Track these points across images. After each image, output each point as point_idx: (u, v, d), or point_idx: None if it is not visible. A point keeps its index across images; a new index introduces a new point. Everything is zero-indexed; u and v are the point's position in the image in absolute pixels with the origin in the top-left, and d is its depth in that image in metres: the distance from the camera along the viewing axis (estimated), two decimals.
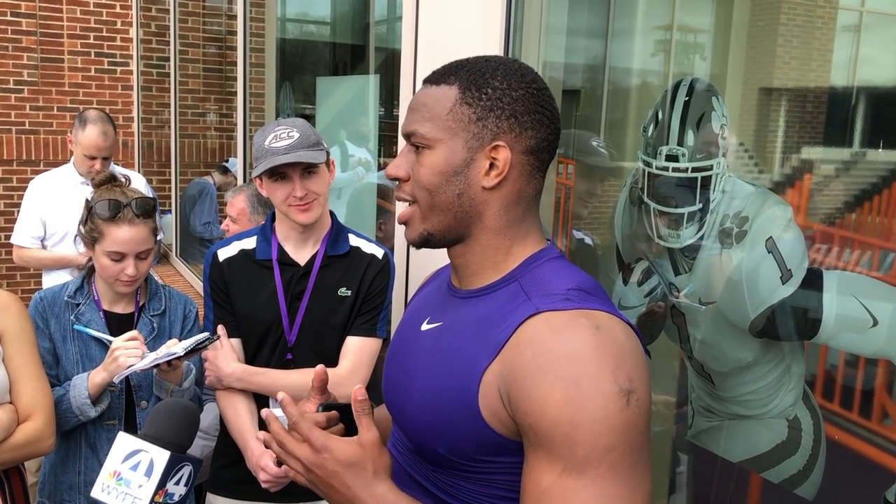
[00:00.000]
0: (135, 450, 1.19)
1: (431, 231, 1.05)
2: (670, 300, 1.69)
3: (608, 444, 0.87)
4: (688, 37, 1.96)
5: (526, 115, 1.01)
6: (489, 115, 1.00)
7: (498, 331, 0.98)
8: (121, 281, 1.92)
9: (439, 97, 1.03)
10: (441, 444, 1.02)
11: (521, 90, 1.01)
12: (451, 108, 1.01)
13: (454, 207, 1.03)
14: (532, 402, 0.91)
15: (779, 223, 1.45)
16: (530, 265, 1.05)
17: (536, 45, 2.09)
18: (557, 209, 2.08)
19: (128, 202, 1.90)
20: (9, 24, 5.60)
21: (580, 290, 0.99)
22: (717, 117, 1.57)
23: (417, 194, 1.05)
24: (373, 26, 4.47)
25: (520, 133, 1.01)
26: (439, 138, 1.02)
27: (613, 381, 0.88)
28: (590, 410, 0.87)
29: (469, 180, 1.02)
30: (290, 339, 1.96)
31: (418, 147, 1.04)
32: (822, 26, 1.52)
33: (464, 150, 1.01)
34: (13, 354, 1.71)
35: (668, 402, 1.80)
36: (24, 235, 3.44)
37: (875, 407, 1.33)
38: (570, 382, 0.89)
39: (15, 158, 5.71)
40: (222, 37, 5.77)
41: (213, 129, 5.92)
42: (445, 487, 1.04)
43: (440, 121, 1.02)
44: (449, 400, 1.00)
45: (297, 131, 1.88)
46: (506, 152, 1.01)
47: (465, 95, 1.01)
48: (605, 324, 0.94)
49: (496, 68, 1.03)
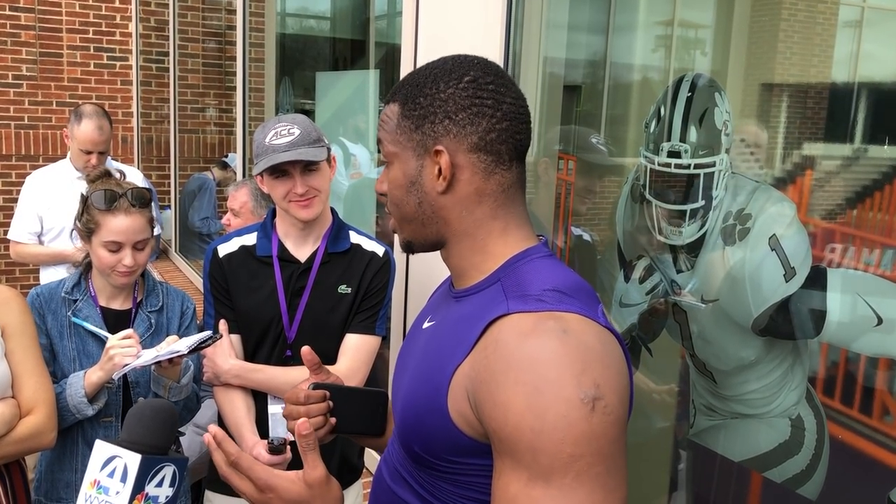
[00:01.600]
0: (111, 456, 1.17)
1: (409, 239, 1.09)
2: (672, 298, 1.68)
3: (572, 453, 0.84)
4: (689, 32, 1.95)
5: (460, 113, 1.01)
6: (424, 123, 1.02)
7: (471, 331, 0.97)
8: (118, 272, 1.91)
9: (390, 114, 1.07)
10: (417, 442, 1.01)
11: (449, 90, 1.01)
12: (398, 124, 1.05)
13: (419, 216, 1.05)
14: (495, 408, 0.89)
15: (782, 220, 1.44)
16: (513, 265, 1.03)
17: (537, 41, 2.08)
18: (558, 206, 2.07)
19: (123, 192, 1.90)
20: (7, 19, 5.58)
21: (556, 291, 0.96)
22: (720, 113, 1.56)
23: (389, 207, 1.10)
24: (373, 21, 4.46)
25: (458, 132, 1.01)
26: (394, 152, 1.06)
27: (577, 387, 0.85)
28: (551, 418, 0.85)
29: (424, 188, 1.03)
30: (289, 335, 1.95)
31: (385, 163, 1.08)
32: (824, 22, 1.52)
33: (413, 160, 1.04)
34: (14, 349, 1.71)
35: (670, 398, 1.79)
36: (21, 231, 3.43)
37: (878, 405, 1.32)
38: (532, 388, 0.86)
39: (14, 153, 5.69)
40: (222, 31, 5.75)
41: (212, 125, 5.90)
42: (428, 487, 1.03)
43: (392, 136, 1.06)
44: (423, 399, 1.00)
45: (297, 128, 1.87)
46: (445, 156, 1.01)
47: (404, 108, 1.04)
48: (574, 327, 0.91)
49: (430, 75, 1.04)
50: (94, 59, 5.86)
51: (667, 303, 1.69)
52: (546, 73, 2.15)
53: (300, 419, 1.04)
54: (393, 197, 1.07)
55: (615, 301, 1.83)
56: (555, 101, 2.19)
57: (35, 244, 3.44)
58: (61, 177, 3.44)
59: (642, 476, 1.90)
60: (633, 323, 1.77)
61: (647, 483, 1.88)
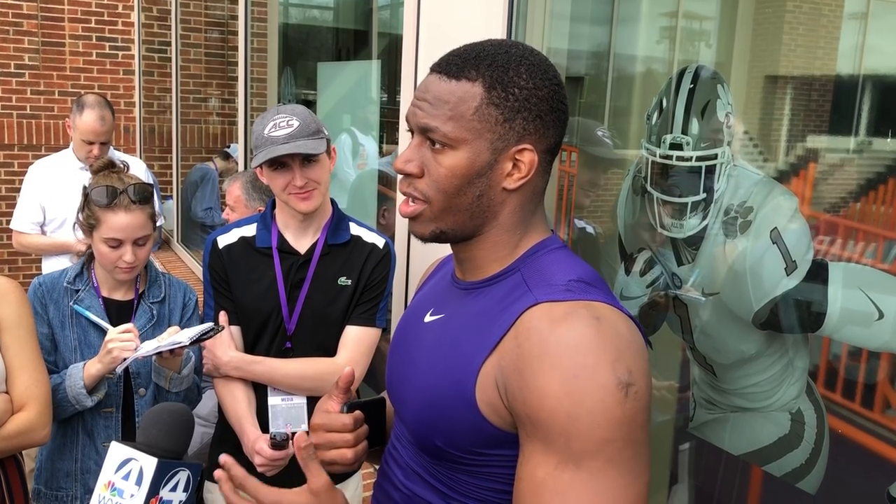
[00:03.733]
0: (126, 458, 1.17)
1: (444, 230, 1.02)
2: (672, 291, 1.67)
3: (605, 437, 0.86)
4: (693, 24, 1.94)
5: (550, 115, 0.99)
6: (517, 117, 0.97)
7: (498, 322, 0.97)
8: (119, 268, 1.90)
9: (462, 94, 0.97)
10: (439, 437, 1.01)
11: (545, 89, 0.98)
12: (478, 109, 0.97)
13: (472, 208, 1.00)
14: (530, 392, 0.90)
15: (784, 213, 1.43)
16: (532, 255, 1.03)
17: (541, 31, 2.07)
18: (561, 197, 2.06)
19: (124, 188, 1.89)
20: (9, 8, 5.57)
21: (581, 282, 0.97)
22: (723, 105, 1.55)
23: (431, 195, 1.00)
24: (376, 11, 4.44)
25: (543, 133, 0.99)
26: (463, 138, 0.97)
27: (612, 373, 0.87)
28: (588, 403, 0.86)
29: (491, 182, 0.99)
30: (289, 328, 1.95)
31: (436, 144, 0.98)
32: (829, 14, 1.50)
33: (488, 152, 0.98)
34: (10, 343, 1.69)
35: (670, 392, 1.79)
36: (24, 221, 3.43)
37: (879, 399, 1.32)
38: (569, 374, 0.87)
39: (16, 143, 5.69)
40: (224, 21, 5.73)
41: (215, 115, 5.89)
42: (445, 480, 1.03)
43: (465, 121, 0.97)
44: (447, 394, 0.99)
45: (296, 119, 1.85)
46: (532, 154, 0.98)
47: (491, 95, 0.97)
48: (605, 315, 0.92)
49: (519, 63, 0.98)
50: (96, 48, 5.86)
51: (667, 296, 1.69)
52: None
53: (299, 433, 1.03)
54: (448, 186, 0.98)
55: (616, 294, 1.83)
56: None
57: (37, 234, 3.45)
58: (64, 167, 3.44)
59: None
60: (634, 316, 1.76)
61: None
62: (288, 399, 1.96)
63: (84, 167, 3.31)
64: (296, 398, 1.96)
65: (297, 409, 1.96)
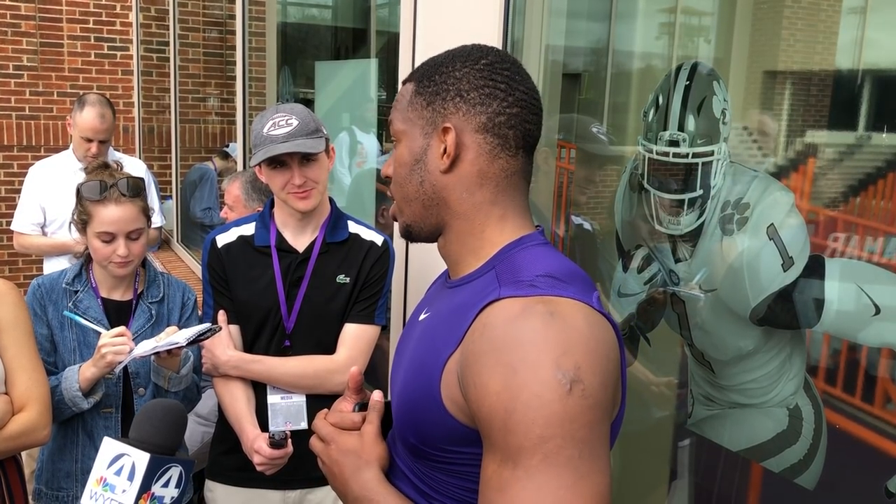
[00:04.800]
0: (118, 454, 1.18)
1: (409, 223, 1.09)
2: (670, 287, 1.67)
3: (542, 435, 0.83)
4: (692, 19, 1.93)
5: (472, 92, 1.01)
6: (436, 99, 1.02)
7: (464, 319, 0.97)
8: (114, 263, 1.91)
9: (404, 92, 1.07)
10: (413, 433, 1.02)
11: (465, 69, 1.02)
12: (410, 100, 1.05)
13: (420, 196, 1.05)
14: (476, 389, 0.89)
15: (780, 210, 1.43)
16: (508, 252, 1.02)
17: (539, 28, 2.07)
18: (559, 194, 2.06)
19: (114, 182, 1.90)
20: (8, 9, 5.56)
21: (550, 277, 0.95)
22: (719, 102, 1.55)
23: (392, 188, 1.09)
24: (374, 10, 4.43)
25: (467, 111, 1.01)
26: (403, 130, 1.06)
27: (555, 368, 0.84)
28: (524, 397, 0.84)
29: (428, 167, 1.03)
30: (288, 326, 1.95)
31: (394, 142, 1.09)
32: (828, 8, 1.50)
33: (421, 137, 1.04)
34: (8, 345, 1.70)
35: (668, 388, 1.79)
36: (24, 222, 3.43)
37: (878, 393, 1.32)
38: (509, 369, 0.86)
39: (15, 144, 5.69)
40: (223, 20, 5.72)
41: (213, 114, 5.89)
42: (424, 478, 1.03)
43: (402, 113, 1.06)
44: (418, 390, 1.00)
45: (295, 118, 1.85)
46: (452, 133, 1.01)
47: (419, 85, 1.05)
48: (563, 310, 0.89)
49: (448, 56, 1.05)
50: (94, 48, 5.85)
51: (665, 293, 1.69)
52: (547, 61, 2.14)
53: (375, 391, 1.11)
54: (397, 176, 1.07)
55: (613, 291, 1.83)
56: (556, 89, 2.18)
57: (38, 235, 3.45)
58: (64, 167, 3.44)
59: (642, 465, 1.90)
60: (632, 313, 1.76)
61: (646, 472, 1.88)
62: (287, 397, 1.96)
63: (84, 168, 3.31)
64: (295, 396, 1.96)
65: (296, 407, 1.96)
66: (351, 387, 1.16)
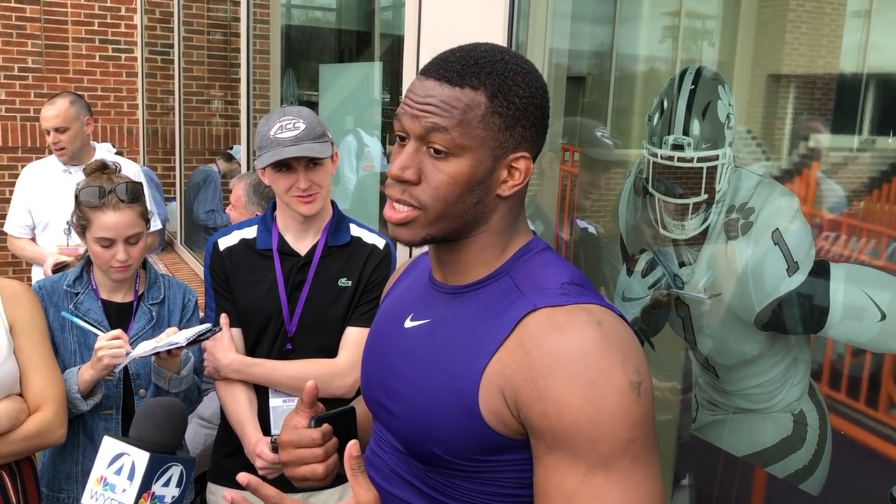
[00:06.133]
0: (118, 453, 1.17)
1: (434, 235, 1.00)
2: (674, 292, 1.66)
3: (629, 437, 0.89)
4: (696, 23, 1.93)
5: (542, 122, 1.01)
6: (516, 126, 0.97)
7: (494, 329, 0.96)
8: (113, 267, 1.91)
9: (468, 101, 0.95)
10: (437, 445, 0.99)
11: (540, 98, 1.00)
12: (483, 117, 0.95)
13: (465, 215, 0.99)
14: (548, 404, 0.90)
15: (785, 214, 1.43)
16: (519, 258, 1.03)
17: (543, 31, 2.06)
18: (563, 198, 2.05)
19: (112, 188, 1.90)
20: (13, 11, 5.58)
21: (574, 284, 0.99)
22: (724, 106, 1.54)
23: (428, 202, 0.97)
24: (378, 12, 4.44)
25: (536, 140, 1.01)
26: (468, 146, 0.96)
27: (624, 374, 0.90)
28: (608, 407, 0.89)
29: (488, 189, 0.99)
30: (290, 329, 1.95)
31: (438, 151, 0.96)
32: (832, 12, 1.49)
33: (490, 160, 0.97)
34: (24, 345, 1.70)
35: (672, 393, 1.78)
36: (14, 224, 3.42)
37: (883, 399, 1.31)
38: (586, 381, 0.89)
39: (20, 146, 5.70)
40: (227, 23, 5.74)
41: (217, 116, 5.90)
42: (438, 486, 1.02)
43: (471, 128, 0.95)
44: (445, 402, 0.98)
45: (303, 122, 1.85)
46: (527, 162, 1.00)
47: (494, 103, 0.96)
48: (603, 318, 0.94)
49: (517, 72, 0.98)
50: (99, 50, 5.87)
51: (669, 297, 1.68)
52: (551, 64, 2.14)
53: (351, 441, 0.97)
54: (448, 193, 0.96)
55: (617, 295, 1.82)
56: (560, 93, 2.17)
57: (26, 239, 3.42)
58: (49, 170, 3.42)
59: None
60: (636, 317, 1.76)
61: None
62: (289, 400, 1.96)
63: (67, 170, 3.31)
64: (297, 400, 1.96)
65: None
66: (305, 401, 1.11)
